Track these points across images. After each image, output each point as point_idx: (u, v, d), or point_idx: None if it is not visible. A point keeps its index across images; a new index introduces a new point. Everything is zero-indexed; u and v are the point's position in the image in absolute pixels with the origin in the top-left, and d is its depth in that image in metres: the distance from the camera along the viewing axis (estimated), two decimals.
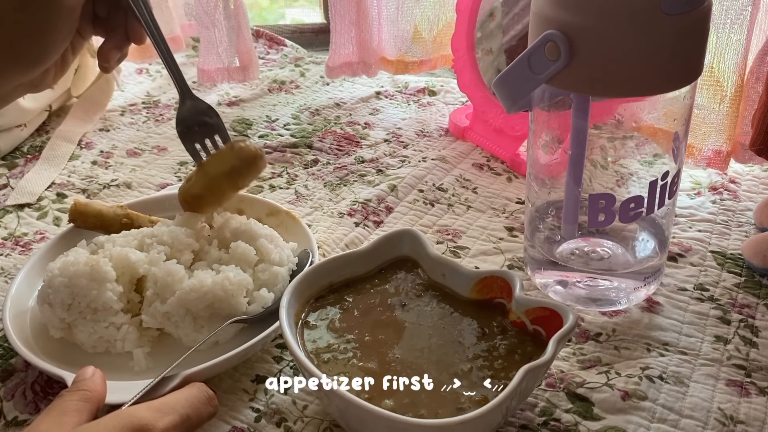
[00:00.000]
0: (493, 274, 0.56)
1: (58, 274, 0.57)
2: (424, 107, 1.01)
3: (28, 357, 0.55)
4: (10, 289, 0.62)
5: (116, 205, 0.68)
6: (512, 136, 0.85)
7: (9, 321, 0.59)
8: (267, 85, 1.08)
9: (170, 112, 1.01)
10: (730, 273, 0.68)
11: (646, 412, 0.54)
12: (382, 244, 0.60)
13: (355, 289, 0.58)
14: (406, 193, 0.81)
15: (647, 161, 0.62)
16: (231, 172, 0.63)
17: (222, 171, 0.63)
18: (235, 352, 0.54)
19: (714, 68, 0.77)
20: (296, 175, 0.85)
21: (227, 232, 0.64)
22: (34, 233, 0.75)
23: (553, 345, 0.49)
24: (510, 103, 0.57)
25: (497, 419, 0.49)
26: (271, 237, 0.64)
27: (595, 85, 0.52)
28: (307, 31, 1.28)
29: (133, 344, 0.58)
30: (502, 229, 0.75)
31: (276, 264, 0.62)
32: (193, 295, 0.57)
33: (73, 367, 0.53)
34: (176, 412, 0.45)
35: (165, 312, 0.57)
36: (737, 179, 0.82)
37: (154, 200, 0.74)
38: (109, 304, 0.57)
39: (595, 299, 0.63)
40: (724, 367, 0.58)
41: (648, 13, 0.49)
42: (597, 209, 0.58)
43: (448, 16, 0.98)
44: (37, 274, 0.64)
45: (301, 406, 0.55)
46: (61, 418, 0.44)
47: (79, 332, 0.57)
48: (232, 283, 0.58)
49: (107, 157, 0.90)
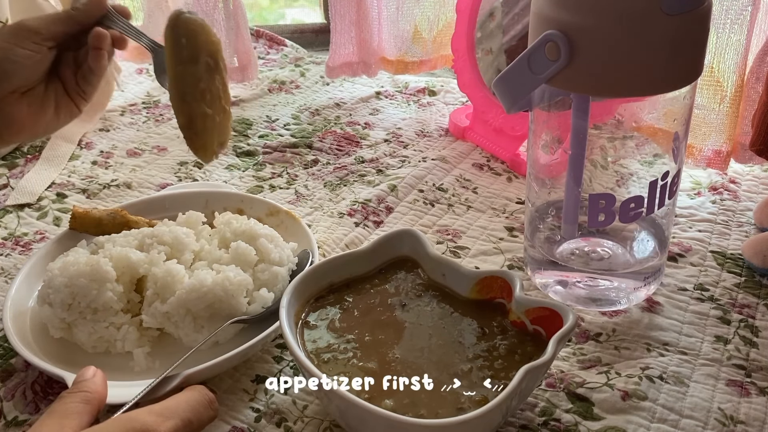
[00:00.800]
0: (493, 274, 0.56)
1: (59, 274, 0.57)
2: (424, 107, 1.01)
3: (28, 357, 0.55)
4: (10, 289, 0.62)
5: (115, 210, 0.68)
6: (512, 136, 0.85)
7: (9, 321, 0.59)
8: (267, 85, 1.08)
9: (170, 112, 1.01)
10: (730, 273, 0.68)
11: (646, 412, 0.54)
12: (382, 244, 0.60)
13: (355, 289, 0.58)
14: (406, 193, 0.81)
15: (647, 161, 0.62)
16: (178, 56, 0.56)
17: (172, 63, 0.56)
18: (235, 352, 0.54)
19: (714, 68, 0.77)
20: (296, 175, 0.85)
21: (228, 232, 0.64)
22: (34, 233, 0.75)
23: (553, 345, 0.49)
24: (510, 103, 0.57)
25: (497, 419, 0.49)
26: (271, 237, 0.64)
27: (595, 85, 0.52)
28: (307, 31, 1.28)
29: (133, 344, 0.58)
30: (502, 229, 0.75)
31: (276, 264, 0.62)
32: (193, 295, 0.57)
33: (73, 367, 0.53)
34: (178, 416, 0.45)
35: (165, 312, 0.57)
36: (737, 179, 0.82)
37: (154, 200, 0.74)
38: (109, 304, 0.57)
39: (595, 299, 0.63)
40: (724, 367, 0.58)
41: (648, 13, 0.49)
42: (597, 209, 0.58)
43: (448, 16, 0.98)
44: (37, 275, 0.64)
45: (301, 406, 0.55)
46: (62, 420, 0.44)
47: (79, 332, 0.57)
48: (233, 283, 0.58)
49: (107, 157, 0.90)
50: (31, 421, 0.54)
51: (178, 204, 0.72)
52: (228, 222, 0.65)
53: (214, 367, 0.54)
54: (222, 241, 0.64)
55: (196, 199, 0.73)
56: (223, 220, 0.66)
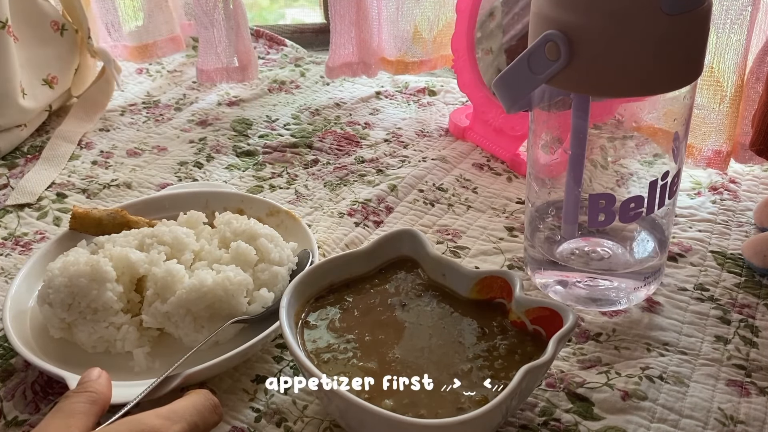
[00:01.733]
0: (493, 274, 0.56)
1: (59, 274, 0.57)
2: (424, 107, 1.01)
3: (29, 357, 0.55)
4: (10, 289, 0.62)
5: (115, 210, 0.68)
6: (512, 136, 0.85)
7: (9, 321, 0.59)
8: (267, 85, 1.08)
9: (170, 112, 1.01)
10: (730, 273, 0.68)
11: (646, 412, 0.54)
12: (382, 244, 0.60)
13: (355, 289, 0.58)
14: (406, 193, 0.81)
15: (647, 161, 0.62)
16: None
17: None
18: (235, 352, 0.54)
19: (714, 68, 0.77)
20: (296, 175, 0.85)
21: (228, 232, 0.64)
22: (34, 233, 0.75)
23: (553, 345, 0.49)
24: (510, 103, 0.57)
25: (497, 419, 0.49)
26: (272, 237, 0.64)
27: (595, 85, 0.52)
28: (307, 31, 1.28)
29: (133, 344, 0.58)
30: (502, 229, 0.75)
31: (276, 264, 0.62)
32: (193, 295, 0.56)
33: (73, 368, 0.54)
34: (185, 420, 0.45)
35: (165, 312, 0.57)
36: (737, 179, 0.82)
37: (155, 200, 0.74)
38: (109, 304, 0.57)
39: (595, 299, 0.63)
40: (724, 367, 0.58)
41: (648, 13, 0.49)
42: (597, 209, 0.58)
43: (448, 16, 0.98)
44: (37, 275, 0.64)
45: (301, 406, 0.55)
46: (68, 420, 0.44)
47: (79, 332, 0.57)
48: (233, 283, 0.58)
49: (107, 157, 0.90)
50: (31, 421, 0.54)
51: (178, 204, 0.72)
52: (228, 222, 0.65)
53: (214, 367, 0.54)
54: (222, 241, 0.64)
55: (196, 199, 0.73)
56: (224, 220, 0.66)
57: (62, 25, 0.95)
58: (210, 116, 0.99)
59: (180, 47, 1.09)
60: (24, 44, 0.91)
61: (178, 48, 1.09)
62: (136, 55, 1.06)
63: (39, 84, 0.93)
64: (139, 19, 1.04)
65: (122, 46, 1.06)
